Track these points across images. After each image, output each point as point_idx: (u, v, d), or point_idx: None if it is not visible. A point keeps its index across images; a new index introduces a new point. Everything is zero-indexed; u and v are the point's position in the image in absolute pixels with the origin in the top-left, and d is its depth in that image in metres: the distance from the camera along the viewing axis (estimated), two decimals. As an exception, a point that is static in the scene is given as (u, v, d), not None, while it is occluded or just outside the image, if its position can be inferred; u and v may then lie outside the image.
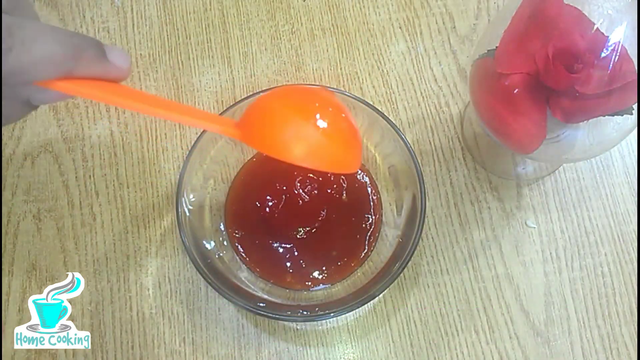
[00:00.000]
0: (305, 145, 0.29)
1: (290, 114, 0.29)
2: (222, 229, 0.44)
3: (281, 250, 0.44)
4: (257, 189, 0.45)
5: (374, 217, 0.45)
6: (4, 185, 0.47)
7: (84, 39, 0.25)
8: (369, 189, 0.45)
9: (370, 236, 0.44)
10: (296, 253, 0.43)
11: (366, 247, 0.44)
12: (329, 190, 0.45)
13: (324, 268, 0.43)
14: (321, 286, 0.43)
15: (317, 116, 0.29)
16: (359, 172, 0.46)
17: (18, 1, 0.24)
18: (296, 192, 0.45)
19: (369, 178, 0.46)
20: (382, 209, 0.45)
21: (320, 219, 0.44)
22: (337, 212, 0.44)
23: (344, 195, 0.45)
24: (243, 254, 0.44)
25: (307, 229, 0.44)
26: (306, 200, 0.44)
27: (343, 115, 0.31)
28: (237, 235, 0.44)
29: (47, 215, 0.46)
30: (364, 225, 0.44)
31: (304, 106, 0.30)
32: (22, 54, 0.22)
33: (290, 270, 0.43)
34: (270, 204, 0.44)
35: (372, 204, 0.45)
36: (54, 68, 0.23)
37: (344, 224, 0.44)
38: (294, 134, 0.29)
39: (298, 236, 0.44)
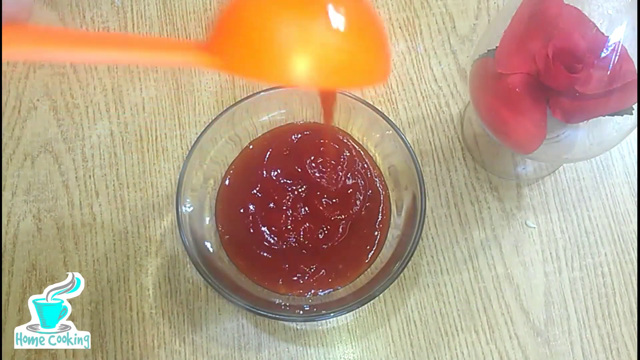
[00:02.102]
0: (316, 54, 0.20)
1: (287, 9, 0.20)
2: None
3: (274, 263, 0.42)
4: (245, 192, 0.43)
5: (384, 219, 0.43)
6: (4, 185, 0.47)
7: None
8: (382, 192, 0.44)
9: (378, 242, 0.43)
10: (291, 269, 0.42)
11: (369, 257, 0.42)
12: (350, 202, 0.42)
13: (329, 280, 0.42)
14: (321, 293, 0.42)
15: (327, 6, 0.20)
16: (370, 169, 0.44)
17: None
18: (294, 199, 0.42)
19: (378, 176, 0.45)
20: (391, 211, 0.44)
21: (329, 241, 0.42)
22: (352, 227, 0.42)
23: (363, 208, 0.43)
24: (233, 261, 0.42)
25: (310, 245, 0.42)
26: (306, 213, 0.42)
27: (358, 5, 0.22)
28: (226, 239, 0.43)
29: (47, 215, 0.46)
30: (375, 233, 0.43)
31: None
32: None
33: (281, 283, 0.42)
34: (258, 211, 0.42)
35: (382, 208, 0.44)
36: None
37: (356, 236, 0.43)
38: (297, 38, 0.20)
39: (297, 249, 0.42)
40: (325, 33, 0.20)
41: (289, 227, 0.42)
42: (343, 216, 0.42)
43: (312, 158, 0.44)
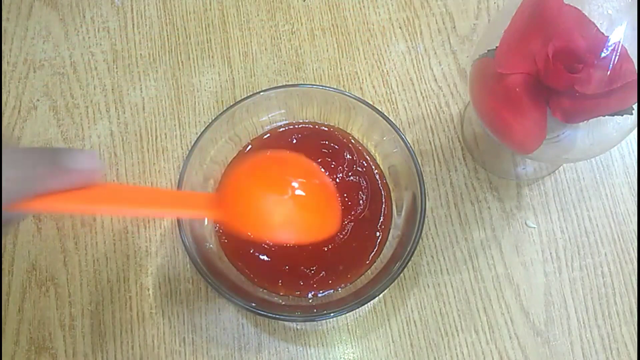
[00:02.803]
0: (287, 222, 0.31)
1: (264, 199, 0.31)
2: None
3: (274, 264, 0.41)
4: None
5: (386, 219, 0.43)
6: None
7: (38, 154, 0.24)
8: (383, 192, 0.44)
9: (380, 243, 0.43)
10: (292, 270, 0.41)
11: (370, 258, 0.42)
12: (349, 203, 0.42)
13: (330, 282, 0.41)
14: (321, 294, 0.42)
15: (292, 194, 0.31)
16: (374, 170, 0.45)
17: None
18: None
19: (380, 176, 0.45)
20: (392, 211, 0.44)
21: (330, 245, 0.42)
22: (354, 228, 0.42)
23: (366, 209, 0.43)
24: (232, 261, 0.42)
25: (311, 247, 0.41)
26: None
27: (316, 182, 0.34)
28: (224, 239, 0.43)
29: (47, 215, 0.46)
30: (377, 234, 0.43)
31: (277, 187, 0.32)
32: None
33: (281, 284, 0.41)
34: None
35: (384, 208, 0.43)
36: (14, 193, 0.22)
37: (358, 237, 0.42)
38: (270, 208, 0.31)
39: (298, 251, 0.41)
40: (289, 207, 0.31)
41: None
42: (346, 217, 0.42)
43: (312, 158, 0.44)
